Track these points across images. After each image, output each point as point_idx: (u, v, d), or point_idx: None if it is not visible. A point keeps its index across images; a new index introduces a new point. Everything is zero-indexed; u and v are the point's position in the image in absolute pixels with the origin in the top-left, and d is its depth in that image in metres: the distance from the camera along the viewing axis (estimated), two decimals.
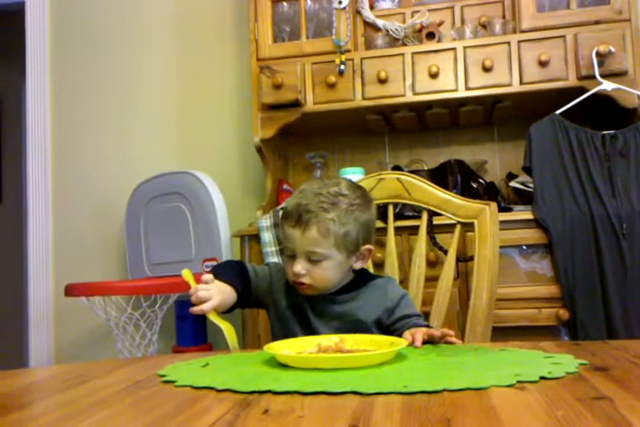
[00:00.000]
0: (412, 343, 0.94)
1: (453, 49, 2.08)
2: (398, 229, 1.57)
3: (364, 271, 1.19)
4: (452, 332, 0.96)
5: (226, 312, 1.10)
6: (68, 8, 2.84)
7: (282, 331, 1.15)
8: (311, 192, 1.11)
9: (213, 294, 1.03)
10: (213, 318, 1.05)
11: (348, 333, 1.02)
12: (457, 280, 1.84)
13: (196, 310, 1.02)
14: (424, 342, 0.95)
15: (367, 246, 1.14)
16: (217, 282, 1.07)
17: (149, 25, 2.77)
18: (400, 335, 1.02)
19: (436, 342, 0.97)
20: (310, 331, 1.11)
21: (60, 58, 2.84)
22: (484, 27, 2.16)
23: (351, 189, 1.13)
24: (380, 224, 1.21)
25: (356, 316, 1.11)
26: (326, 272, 1.09)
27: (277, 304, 1.17)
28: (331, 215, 1.07)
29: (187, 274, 1.08)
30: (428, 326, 1.05)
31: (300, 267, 1.09)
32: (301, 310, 1.14)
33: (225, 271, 1.13)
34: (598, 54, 1.93)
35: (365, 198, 1.14)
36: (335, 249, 1.08)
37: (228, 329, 1.06)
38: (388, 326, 1.12)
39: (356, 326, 1.09)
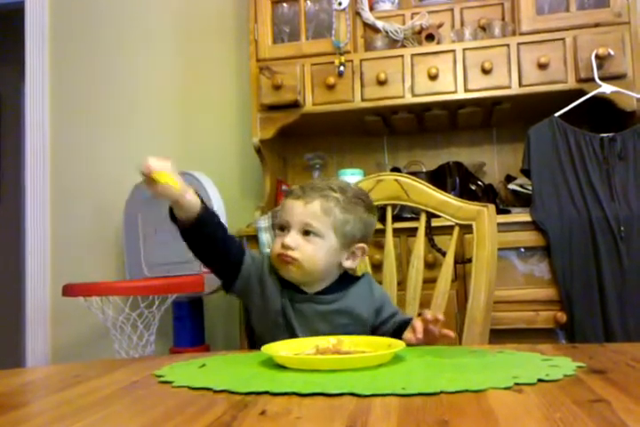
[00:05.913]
0: (415, 335, 0.96)
1: (453, 51, 2.08)
2: (396, 231, 1.57)
3: (345, 272, 1.16)
4: (440, 317, 0.96)
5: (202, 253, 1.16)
6: (68, 8, 2.84)
7: (261, 325, 1.12)
8: (319, 180, 1.16)
9: (168, 167, 0.98)
10: (158, 177, 0.96)
11: (347, 328, 1.04)
12: (455, 282, 1.84)
13: (143, 167, 0.96)
14: (424, 343, 0.96)
15: (361, 245, 1.12)
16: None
17: (149, 24, 2.77)
18: (386, 335, 1.03)
19: (434, 342, 0.97)
20: (291, 333, 1.07)
21: (60, 57, 2.84)
22: (483, 29, 2.16)
23: (359, 189, 1.17)
24: (378, 226, 1.21)
25: (355, 311, 1.10)
26: (317, 251, 1.07)
27: (264, 301, 1.12)
28: (337, 195, 1.09)
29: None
30: (410, 319, 1.04)
31: (291, 239, 1.06)
32: (283, 309, 1.09)
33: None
34: (597, 57, 1.93)
35: (370, 204, 1.15)
36: (332, 232, 1.08)
37: (164, 177, 0.97)
38: (376, 326, 1.11)
39: (355, 321, 1.09)
